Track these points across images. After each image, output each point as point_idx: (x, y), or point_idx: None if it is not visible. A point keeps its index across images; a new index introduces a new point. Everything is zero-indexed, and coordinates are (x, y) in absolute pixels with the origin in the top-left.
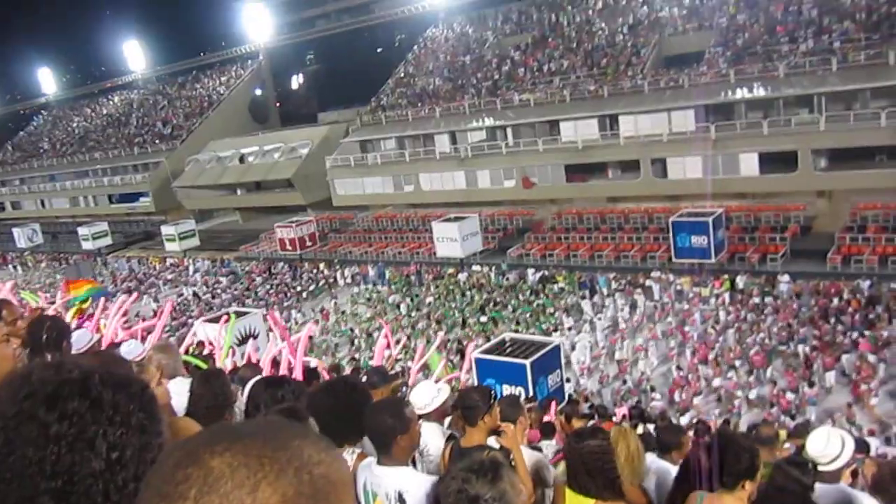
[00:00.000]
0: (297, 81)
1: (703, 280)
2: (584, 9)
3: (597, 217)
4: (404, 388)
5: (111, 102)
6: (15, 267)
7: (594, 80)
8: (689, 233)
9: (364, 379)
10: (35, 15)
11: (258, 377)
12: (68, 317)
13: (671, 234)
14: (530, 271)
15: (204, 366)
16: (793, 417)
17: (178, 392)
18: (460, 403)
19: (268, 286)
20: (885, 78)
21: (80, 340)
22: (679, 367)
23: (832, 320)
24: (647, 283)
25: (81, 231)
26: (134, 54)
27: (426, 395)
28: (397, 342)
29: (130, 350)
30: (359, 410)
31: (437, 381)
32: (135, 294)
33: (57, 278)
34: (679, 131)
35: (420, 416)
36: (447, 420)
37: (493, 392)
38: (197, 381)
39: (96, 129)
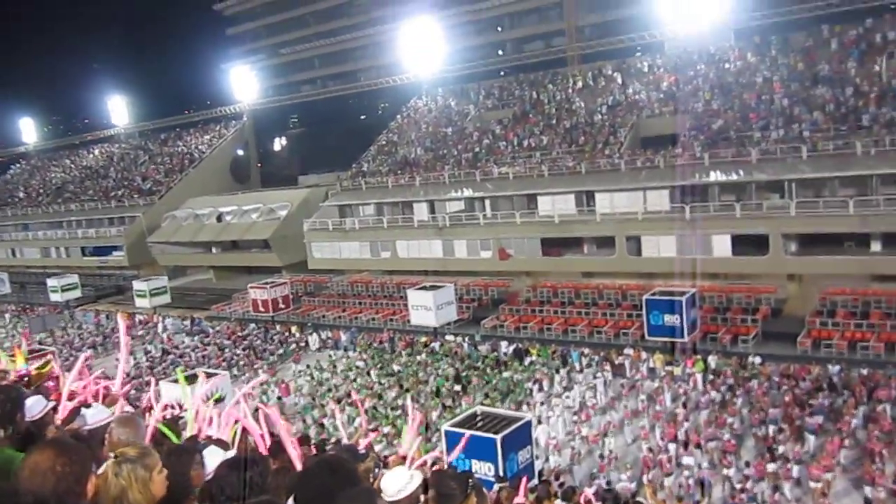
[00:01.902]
0: (279, 143)
1: (676, 359)
2: (564, 88)
3: (571, 291)
4: (377, 470)
5: (91, 155)
6: None
7: (572, 157)
8: (662, 311)
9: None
10: (21, 65)
11: (222, 457)
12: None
13: (644, 312)
14: (504, 343)
15: (176, 439)
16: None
17: None
18: (435, 489)
19: (238, 348)
20: (853, 167)
21: (33, 408)
22: (650, 449)
23: (800, 401)
24: (620, 359)
25: (51, 282)
26: (118, 108)
27: (399, 482)
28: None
29: (96, 413)
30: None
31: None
32: (88, 353)
33: (19, 330)
34: (654, 210)
35: None
36: None
37: (470, 479)
38: (164, 456)
39: (74, 181)
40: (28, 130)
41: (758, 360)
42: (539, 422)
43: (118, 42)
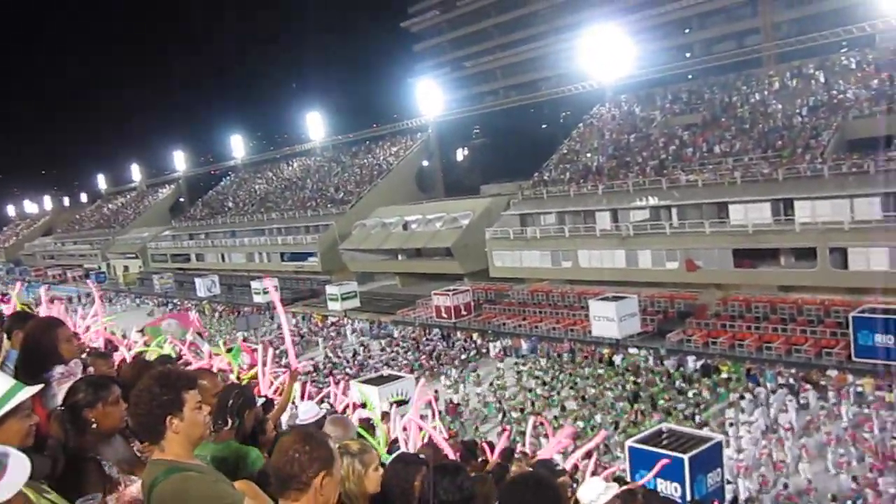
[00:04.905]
0: (462, 154)
1: (889, 384)
2: (759, 90)
3: (766, 306)
4: (574, 486)
5: (290, 167)
6: (193, 314)
7: (768, 163)
8: (874, 330)
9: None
10: (232, 89)
11: (427, 463)
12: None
13: (851, 331)
14: (690, 358)
15: (372, 440)
16: None
17: None
18: None
19: (422, 352)
20: None
21: None
22: (854, 478)
23: None
24: (822, 381)
25: (254, 285)
26: (315, 124)
27: (594, 492)
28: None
29: (307, 410)
30: None
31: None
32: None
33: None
34: (863, 219)
35: None
36: None
37: None
38: (393, 462)
39: (275, 192)
40: (237, 146)
41: None
42: (727, 443)
43: (315, 63)
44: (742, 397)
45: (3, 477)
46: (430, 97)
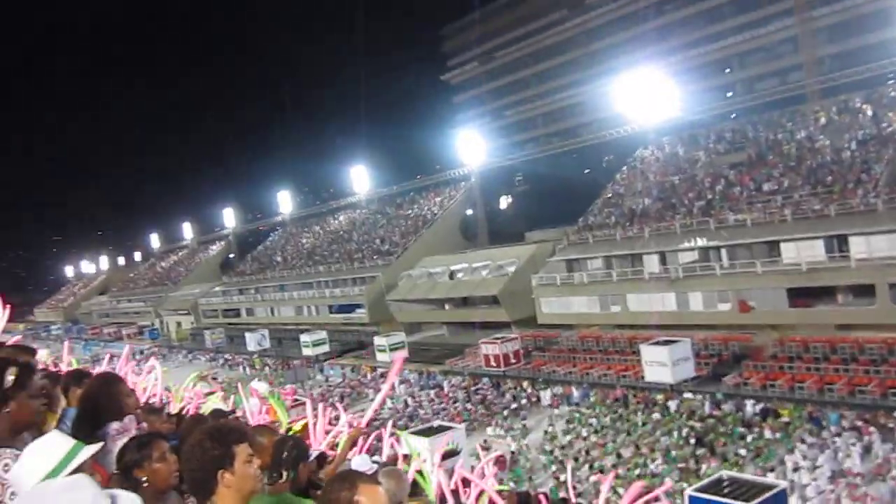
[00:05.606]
0: (505, 201)
1: None
2: (804, 126)
3: (826, 346)
4: None
5: (337, 221)
6: (244, 368)
7: (819, 199)
8: None
9: None
10: (280, 146)
11: None
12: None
13: None
14: (749, 402)
15: (427, 488)
16: None
17: None
18: None
19: (471, 402)
20: None
21: None
22: None
23: None
24: (890, 423)
25: (303, 338)
26: (359, 178)
27: None
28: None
29: (360, 464)
30: None
31: None
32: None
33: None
34: None
35: None
36: None
37: None
38: None
39: (322, 245)
40: (285, 202)
41: None
42: (792, 490)
43: (358, 118)
44: (804, 441)
45: None
46: (472, 146)
